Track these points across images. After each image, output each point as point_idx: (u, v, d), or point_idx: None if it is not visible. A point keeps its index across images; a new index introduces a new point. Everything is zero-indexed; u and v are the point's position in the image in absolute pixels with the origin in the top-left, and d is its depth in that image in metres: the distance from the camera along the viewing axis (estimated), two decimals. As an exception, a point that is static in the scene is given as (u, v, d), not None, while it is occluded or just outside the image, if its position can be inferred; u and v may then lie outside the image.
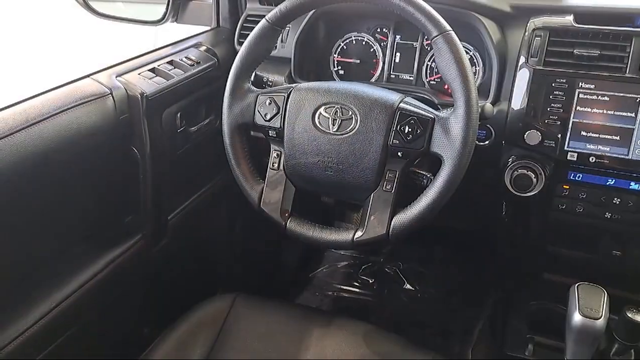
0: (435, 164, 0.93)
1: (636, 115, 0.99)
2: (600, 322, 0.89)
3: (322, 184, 1.00)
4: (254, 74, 1.14)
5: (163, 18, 1.45)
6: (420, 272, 1.84)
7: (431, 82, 1.25)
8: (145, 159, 1.12)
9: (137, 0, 1.65)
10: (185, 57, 1.26)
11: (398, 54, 1.27)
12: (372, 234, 0.95)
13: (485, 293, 1.56)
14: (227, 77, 1.03)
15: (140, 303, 1.27)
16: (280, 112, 1.00)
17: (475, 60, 1.19)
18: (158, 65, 1.19)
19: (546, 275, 1.31)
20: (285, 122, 0.99)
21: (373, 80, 1.30)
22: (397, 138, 0.93)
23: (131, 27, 1.50)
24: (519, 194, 1.08)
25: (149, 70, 1.17)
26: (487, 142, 1.12)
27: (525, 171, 1.06)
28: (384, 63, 1.28)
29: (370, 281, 1.85)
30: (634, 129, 0.99)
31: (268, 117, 1.01)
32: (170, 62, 1.22)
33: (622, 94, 0.99)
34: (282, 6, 0.99)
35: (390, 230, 0.94)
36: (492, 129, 1.11)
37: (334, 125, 0.96)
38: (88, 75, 1.08)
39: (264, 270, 1.79)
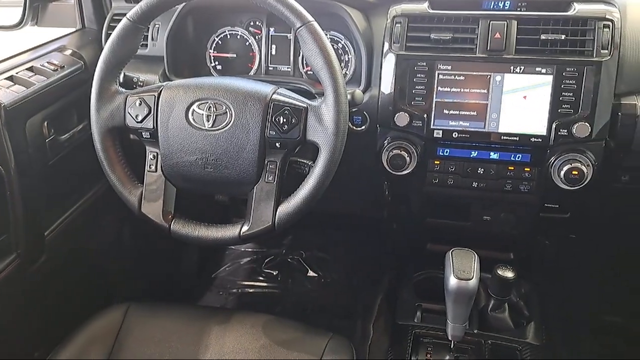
0: (317, 151, 0.96)
1: (488, 91, 1.08)
2: (473, 282, 0.97)
3: (203, 182, 0.99)
4: (122, 74, 1.10)
5: (21, 22, 1.36)
6: (322, 258, 1.89)
7: (308, 72, 1.28)
8: (10, 174, 1.05)
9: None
10: (48, 62, 1.19)
11: (274, 46, 1.29)
12: (258, 227, 0.96)
13: (381, 270, 1.64)
14: None
15: (26, 326, 1.19)
16: (152, 112, 0.97)
17: (347, 49, 1.24)
18: (16, 73, 1.12)
19: (429, 245, 1.40)
20: (158, 122, 0.97)
21: (251, 73, 1.31)
22: (273, 129, 0.95)
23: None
24: (395, 173, 1.14)
25: (5, 79, 1.09)
26: (363, 127, 1.17)
27: (399, 151, 1.12)
28: (260, 56, 1.29)
29: (274, 273, 1.86)
30: (487, 104, 1.09)
31: (139, 118, 0.98)
32: (30, 69, 1.15)
33: (475, 73, 1.08)
34: (142, 4, 0.96)
35: (276, 220, 0.96)
36: (366, 114, 1.16)
37: (208, 121, 0.96)
38: None
39: (164, 275, 1.74)
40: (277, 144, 0.95)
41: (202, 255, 1.87)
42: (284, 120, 0.94)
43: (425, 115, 1.11)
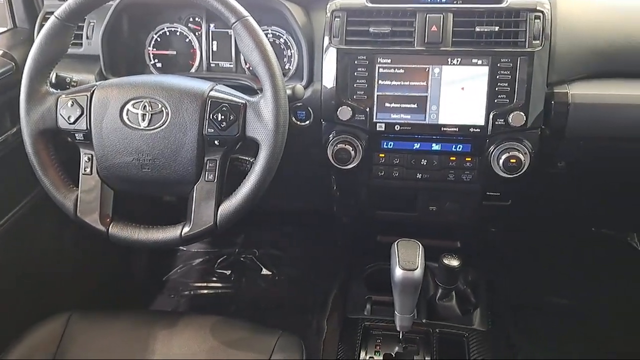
0: (258, 148, 0.95)
1: (427, 83, 1.10)
2: (418, 272, 0.99)
3: (141, 183, 0.97)
4: (54, 75, 1.06)
5: (-57, 23, 1.28)
6: (276, 255, 1.88)
7: (250, 68, 1.26)
8: None
9: None
10: (-27, 64, 1.13)
11: (215, 43, 1.27)
12: (199, 227, 0.95)
13: (335, 265, 1.65)
14: None
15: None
16: (85, 113, 0.94)
17: (289, 44, 1.23)
18: (-61, 77, 1.06)
19: (380, 237, 1.41)
20: (92, 123, 0.94)
21: (193, 70, 1.28)
22: (212, 127, 0.93)
23: None
24: (341, 167, 1.14)
25: None
26: (307, 122, 1.17)
27: (343, 145, 1.12)
28: (201, 53, 1.27)
29: (228, 273, 1.84)
30: (427, 96, 1.10)
31: (72, 119, 0.94)
32: (-46, 71, 1.09)
33: (414, 66, 1.09)
34: (70, 1, 0.93)
35: (218, 220, 0.94)
36: (310, 109, 1.16)
37: (144, 120, 0.94)
38: None
39: (112, 281, 1.70)
40: (215, 142, 0.94)
41: (153, 258, 1.82)
42: (222, 117, 0.93)
43: (367, 109, 1.12)
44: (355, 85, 1.11)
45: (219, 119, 0.93)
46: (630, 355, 1.48)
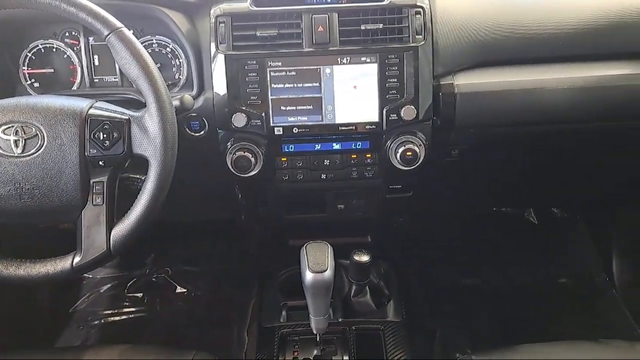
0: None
1: (320, 84, 1.10)
2: (328, 274, 0.98)
3: (23, 215, 0.89)
4: None
5: None
6: (190, 271, 1.82)
7: (135, 81, 1.20)
8: None
9: None
10: None
11: (96, 57, 1.19)
12: (92, 255, 0.88)
13: (251, 274, 1.62)
14: None
15: None
16: None
17: (176, 53, 1.18)
18: None
19: (292, 241, 1.40)
20: None
21: (75, 88, 1.19)
22: (94, 147, 0.87)
23: None
24: (243, 175, 1.12)
25: None
26: (202, 132, 1.14)
27: (242, 153, 1.10)
28: (82, 68, 1.19)
29: (140, 296, 1.75)
30: (321, 96, 1.10)
31: None
32: None
33: (305, 67, 1.09)
34: None
35: (112, 244, 0.89)
36: (204, 118, 1.13)
37: (17, 146, 0.86)
38: None
39: (14, 318, 1.55)
40: (100, 163, 0.88)
41: (56, 290, 1.69)
42: (105, 135, 0.87)
43: (263, 114, 1.10)
44: (247, 90, 1.09)
45: (101, 137, 0.87)
46: (542, 325, 1.58)
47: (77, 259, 0.88)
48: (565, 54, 1.14)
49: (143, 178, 0.96)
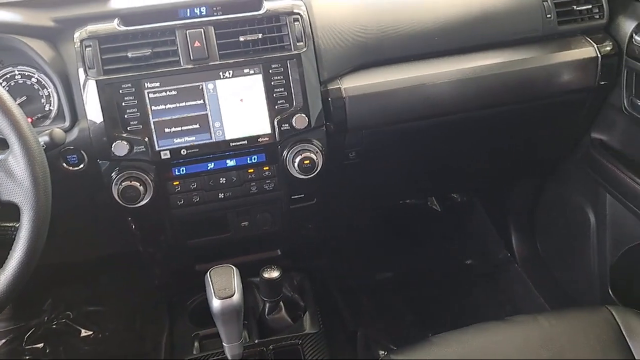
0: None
1: (204, 101, 1.05)
2: (236, 298, 0.94)
3: None
4: None
5: None
6: (94, 311, 1.69)
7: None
8: None
9: None
10: None
11: None
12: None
13: (159, 306, 1.53)
14: None
15: None
16: None
17: (43, 83, 1.07)
18: None
19: (198, 267, 1.34)
20: None
21: None
22: None
23: None
24: (133, 205, 1.04)
25: None
26: (82, 165, 1.05)
27: (129, 182, 1.02)
28: None
29: (41, 346, 1.60)
30: (207, 114, 1.06)
31: None
32: None
33: (185, 85, 1.04)
34: None
35: None
36: (82, 151, 1.04)
37: None
38: None
39: None
40: (-39, 216, 0.78)
41: None
42: None
43: (146, 139, 1.03)
44: (126, 116, 1.02)
45: None
46: (455, 307, 1.64)
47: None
48: (442, 49, 1.18)
49: (16, 226, 0.86)
